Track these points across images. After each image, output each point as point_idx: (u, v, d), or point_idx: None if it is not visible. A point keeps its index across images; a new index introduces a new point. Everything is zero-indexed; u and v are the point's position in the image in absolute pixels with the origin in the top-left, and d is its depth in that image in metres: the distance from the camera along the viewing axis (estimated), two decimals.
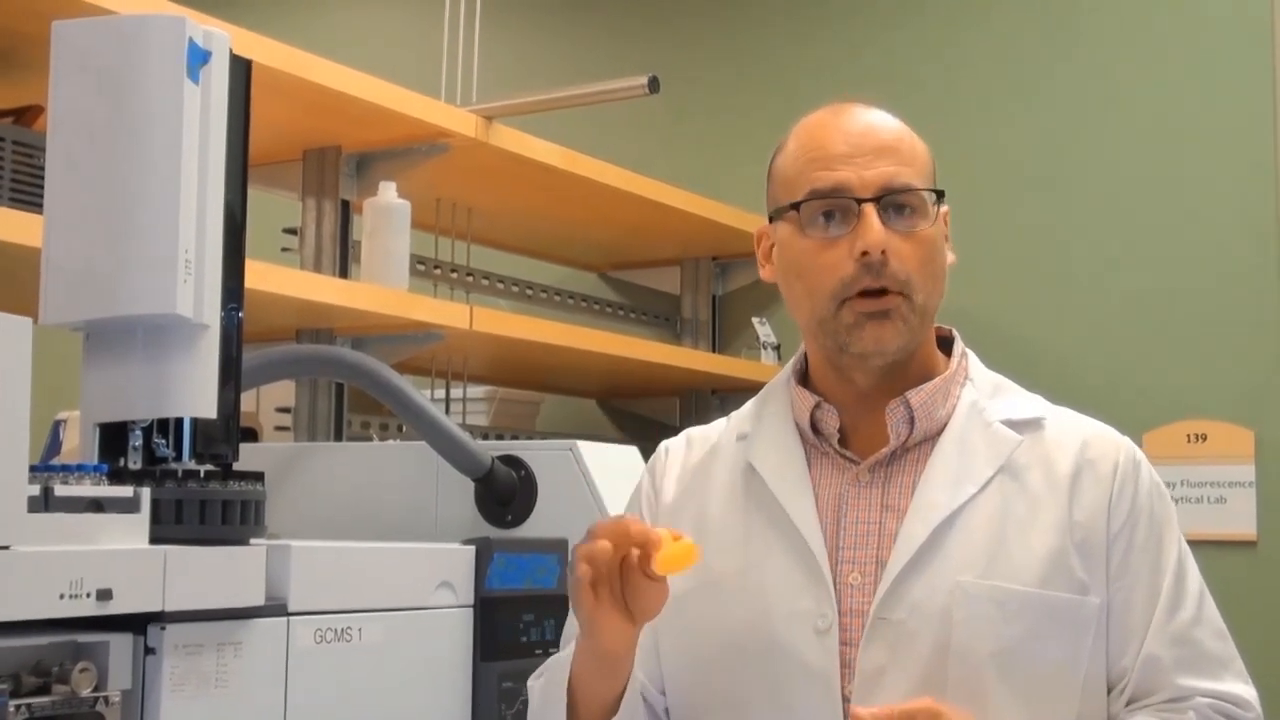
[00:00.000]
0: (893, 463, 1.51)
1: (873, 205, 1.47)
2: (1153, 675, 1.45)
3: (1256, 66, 3.40)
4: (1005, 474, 1.48)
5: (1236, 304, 3.37)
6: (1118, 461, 1.52)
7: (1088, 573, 1.45)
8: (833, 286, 1.47)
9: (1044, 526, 1.46)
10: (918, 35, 3.82)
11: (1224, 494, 3.34)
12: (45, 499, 1.36)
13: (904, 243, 1.48)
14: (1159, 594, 1.47)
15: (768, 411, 1.60)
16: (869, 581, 1.45)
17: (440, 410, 2.13)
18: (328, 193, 2.83)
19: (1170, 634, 1.46)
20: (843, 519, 1.49)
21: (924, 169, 1.52)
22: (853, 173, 1.48)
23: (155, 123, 1.51)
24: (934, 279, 1.51)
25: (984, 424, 1.52)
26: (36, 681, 1.32)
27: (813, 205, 1.49)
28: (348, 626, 1.66)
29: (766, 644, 1.46)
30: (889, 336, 1.48)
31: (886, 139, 1.50)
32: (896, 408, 1.50)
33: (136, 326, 1.54)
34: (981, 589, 1.42)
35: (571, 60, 4.24)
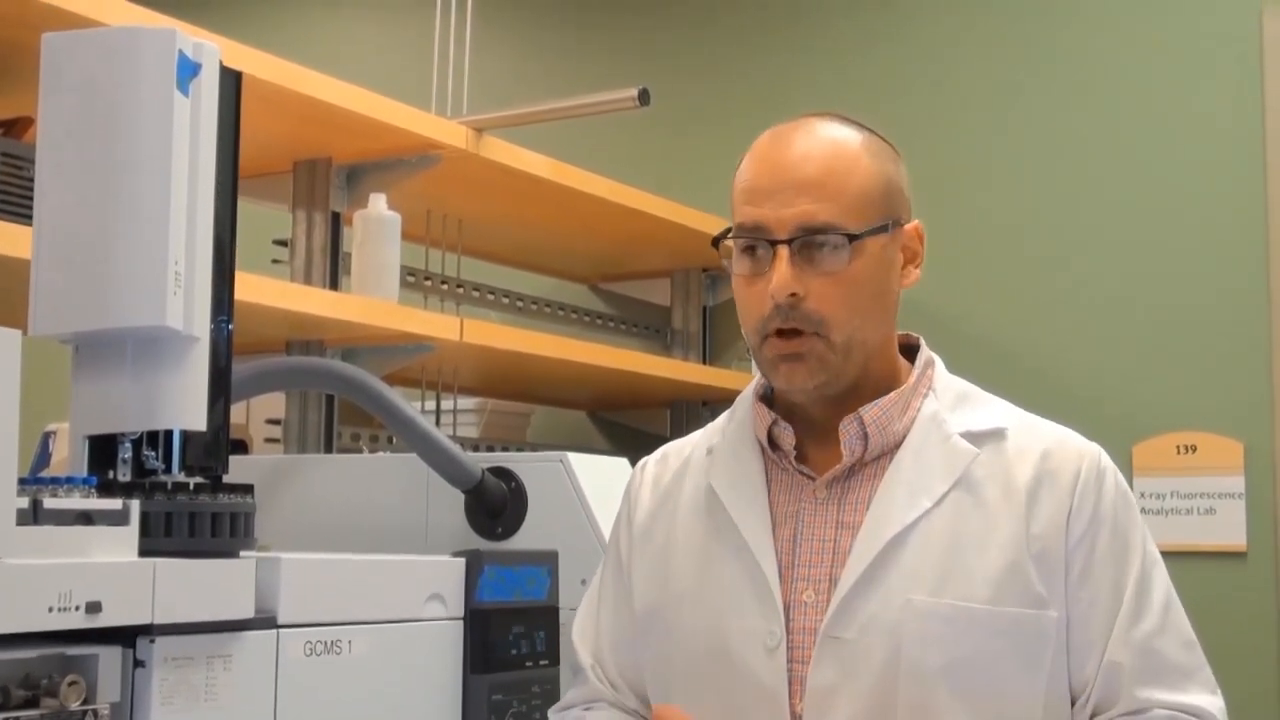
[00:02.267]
0: (850, 478, 1.50)
1: (785, 247, 1.45)
2: (1113, 685, 1.44)
3: (1244, 80, 3.41)
4: (961, 488, 1.47)
5: (1226, 316, 3.38)
6: (1079, 470, 1.49)
7: (1046, 586, 1.43)
8: (754, 321, 1.49)
9: (999, 541, 1.44)
10: (906, 48, 3.83)
11: (1214, 505, 3.35)
12: (34, 511, 1.35)
13: (824, 282, 1.45)
14: (1120, 603, 1.45)
15: (733, 426, 1.60)
16: (822, 599, 1.44)
17: (430, 422, 2.13)
18: (318, 204, 2.83)
19: (1131, 643, 1.44)
20: (799, 536, 1.49)
21: (858, 201, 1.47)
22: (771, 211, 1.46)
23: (145, 135, 1.51)
24: (860, 314, 1.47)
25: (942, 437, 1.50)
26: (25, 694, 1.32)
27: (737, 241, 1.49)
28: (338, 639, 1.65)
29: (721, 661, 1.47)
30: (801, 377, 1.47)
31: (813, 173, 1.47)
32: (850, 424, 1.49)
33: (126, 339, 1.53)
34: (931, 606, 1.41)
35: (562, 72, 4.25)
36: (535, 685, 1.87)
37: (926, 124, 3.77)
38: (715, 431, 1.64)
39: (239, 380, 1.80)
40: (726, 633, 1.47)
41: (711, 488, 1.56)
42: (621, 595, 1.63)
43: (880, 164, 1.51)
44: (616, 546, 1.66)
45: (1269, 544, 3.31)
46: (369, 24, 4.70)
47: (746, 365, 3.85)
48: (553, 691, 1.87)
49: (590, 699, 1.64)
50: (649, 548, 1.60)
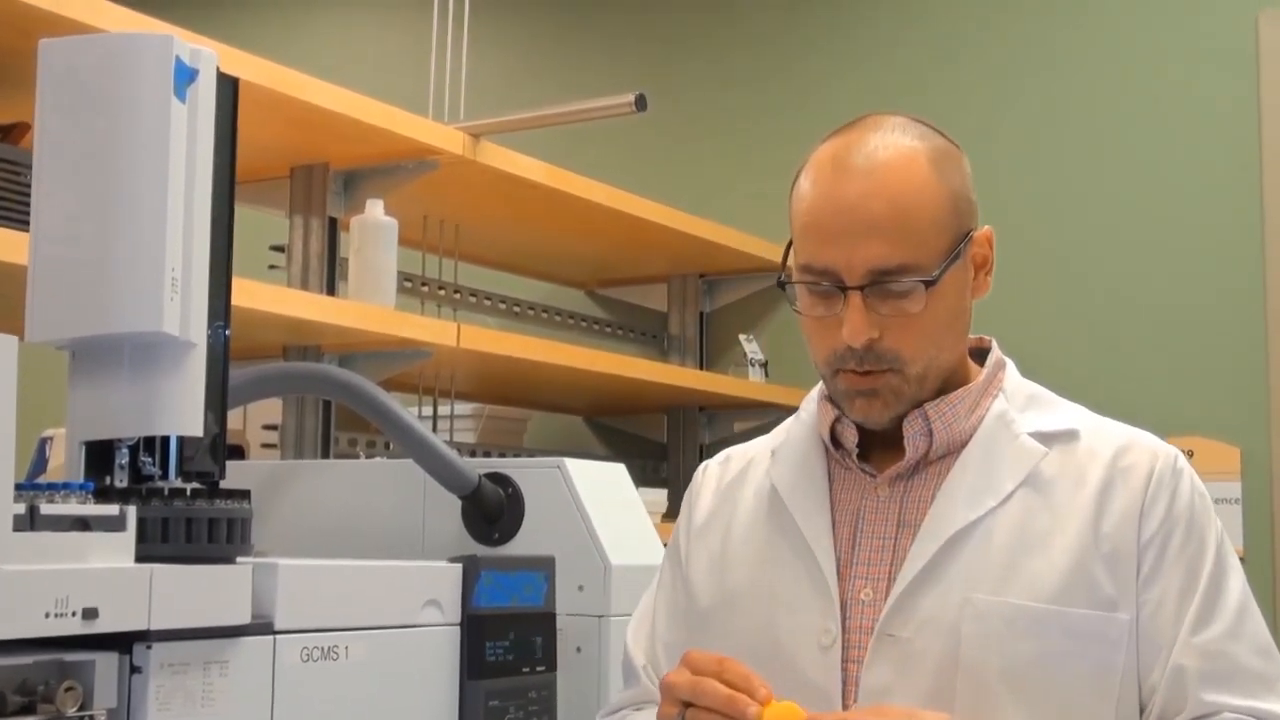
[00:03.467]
0: (913, 476, 1.49)
1: (858, 294, 1.41)
2: (1179, 690, 1.38)
3: (1240, 83, 3.42)
4: (1028, 487, 1.45)
5: (1223, 321, 3.39)
6: (1153, 469, 1.47)
7: (1116, 587, 1.40)
8: (825, 356, 1.47)
9: (1067, 540, 1.41)
10: (904, 52, 3.84)
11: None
12: (30, 517, 1.35)
13: (898, 322, 1.43)
14: (1190, 605, 1.40)
15: (799, 423, 1.60)
16: (880, 598, 1.43)
17: (427, 428, 2.12)
18: (315, 210, 2.83)
19: (1198, 646, 1.39)
20: (859, 534, 1.47)
21: (929, 237, 1.43)
22: (841, 255, 1.42)
23: (142, 140, 1.51)
24: (935, 345, 1.47)
25: (1011, 436, 1.49)
26: (21, 701, 1.31)
27: (805, 280, 1.46)
28: (334, 645, 1.65)
29: (772, 658, 1.44)
30: (877, 411, 1.46)
31: (882, 213, 1.41)
32: (914, 420, 1.48)
33: (123, 344, 1.53)
34: (992, 605, 1.38)
35: (559, 78, 4.25)
36: (532, 691, 1.87)
37: None
38: (781, 431, 1.63)
39: (236, 386, 1.80)
40: (779, 629, 1.46)
41: (773, 486, 1.55)
42: (677, 596, 1.62)
43: (947, 180, 1.47)
44: (675, 547, 1.65)
45: (1266, 549, 3.31)
46: (366, 30, 4.71)
47: (743, 371, 3.85)
48: (550, 698, 1.87)
49: (640, 700, 1.62)
50: (707, 547, 1.60)
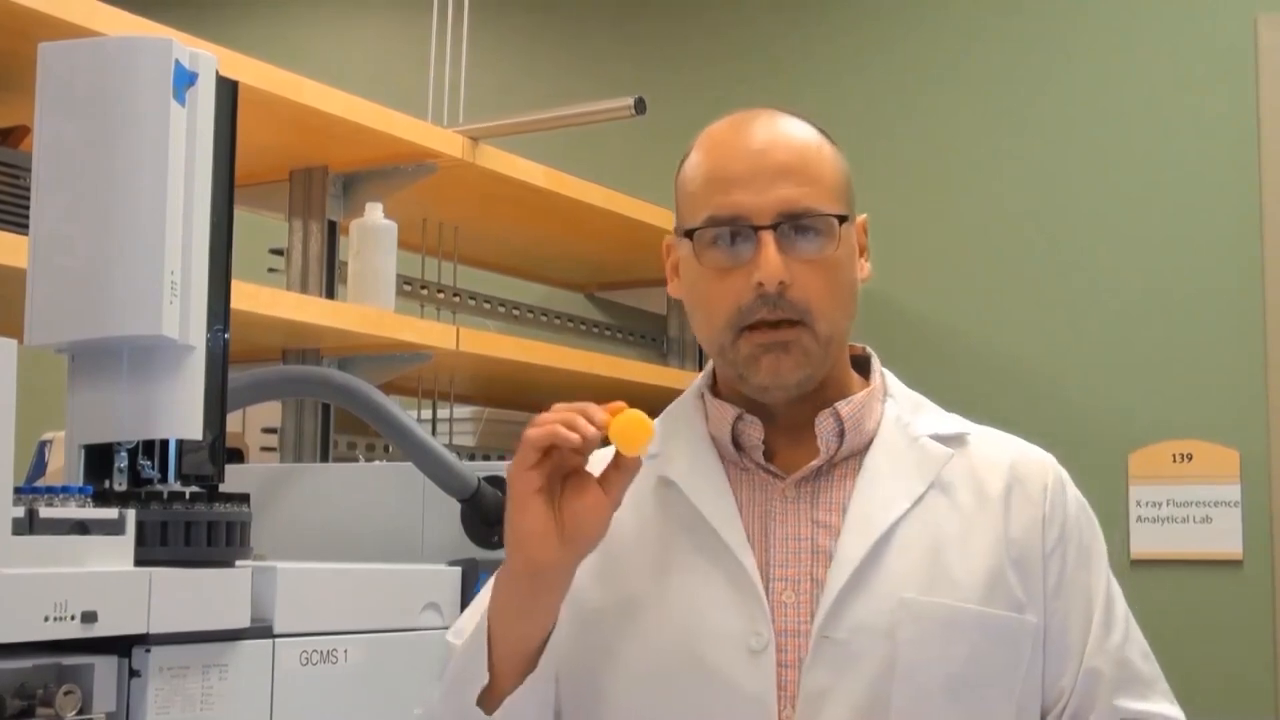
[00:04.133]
0: (819, 478, 1.45)
1: (770, 233, 1.39)
2: (1092, 695, 1.42)
3: (1239, 87, 3.42)
4: (937, 489, 1.44)
5: (1222, 324, 3.39)
6: (1046, 482, 1.48)
7: (1024, 591, 1.42)
8: (729, 315, 1.41)
9: (980, 543, 1.42)
10: (902, 57, 3.84)
11: (1210, 514, 3.35)
12: (30, 521, 1.35)
13: (806, 269, 1.40)
14: (1093, 613, 1.44)
15: (678, 428, 1.51)
16: (803, 600, 1.39)
17: (427, 431, 2.13)
18: (314, 213, 2.83)
19: (1107, 653, 1.43)
20: (770, 535, 1.42)
21: (831, 186, 1.43)
22: (751, 197, 1.40)
23: (141, 144, 1.51)
24: (840, 305, 1.43)
25: (910, 439, 1.47)
26: (21, 705, 1.32)
27: (710, 232, 1.42)
28: (333, 648, 1.65)
29: (693, 668, 1.38)
30: (787, 369, 1.41)
31: (788, 158, 1.42)
32: (826, 419, 1.45)
33: (122, 348, 1.54)
34: (926, 606, 1.38)
35: (558, 81, 4.25)
36: None
37: (924, 131, 3.77)
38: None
39: (235, 389, 1.80)
40: (699, 635, 1.38)
41: (664, 484, 1.47)
42: None
43: (836, 152, 1.47)
44: None
45: (1265, 552, 3.31)
46: (365, 33, 4.71)
47: None
48: None
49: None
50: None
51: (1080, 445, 3.47)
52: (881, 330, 3.85)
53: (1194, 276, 3.43)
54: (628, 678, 1.41)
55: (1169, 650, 3.66)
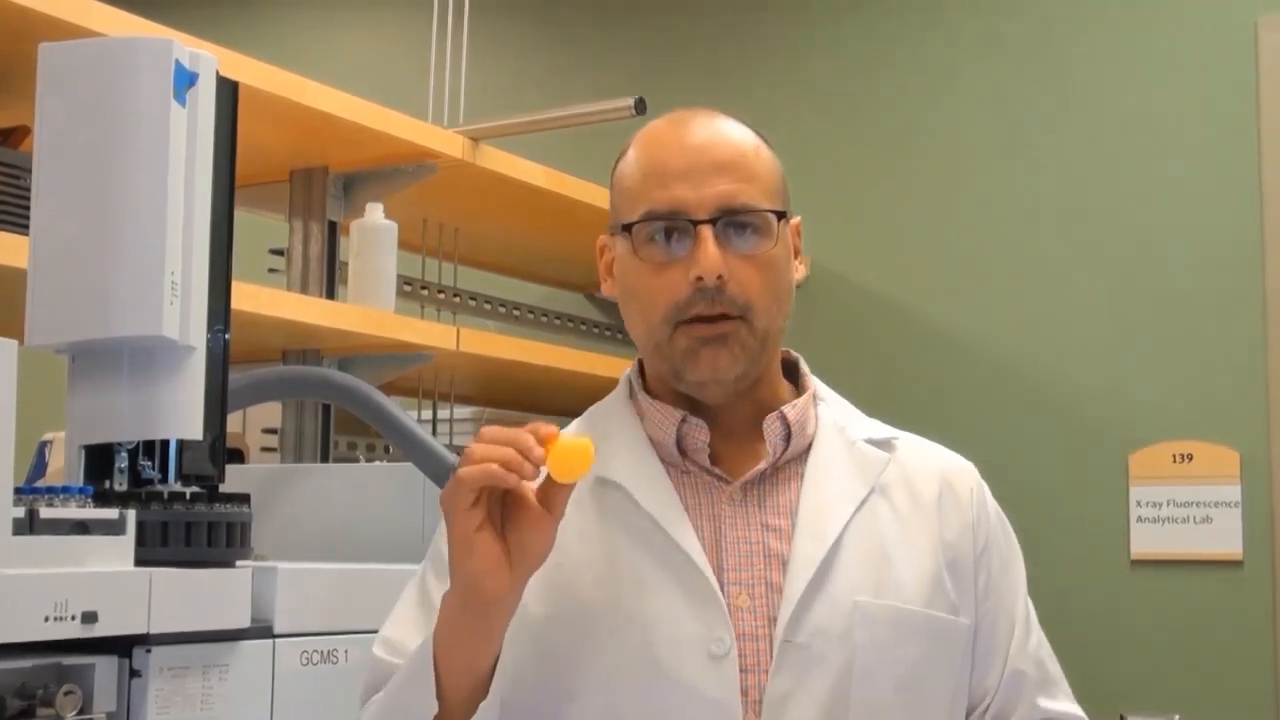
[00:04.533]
0: (764, 482, 1.44)
1: (709, 227, 1.39)
2: (1016, 693, 1.46)
3: (1239, 90, 3.42)
4: (877, 493, 1.45)
5: (1222, 325, 3.38)
6: (972, 487, 1.51)
7: (958, 594, 1.44)
8: (666, 310, 1.40)
9: (920, 546, 1.44)
10: (903, 56, 3.84)
11: (1210, 514, 3.35)
12: (30, 521, 1.35)
13: (744, 265, 1.40)
14: (1016, 615, 1.48)
15: (610, 429, 1.47)
16: (760, 605, 1.38)
17: (427, 431, 2.13)
18: (314, 214, 2.83)
19: (1028, 654, 1.48)
20: (722, 540, 1.40)
21: (768, 185, 1.43)
22: (689, 191, 1.40)
23: (142, 144, 1.51)
24: (776, 301, 1.42)
25: (848, 442, 1.47)
26: (21, 705, 1.32)
27: (648, 226, 1.41)
28: (334, 648, 1.65)
29: (653, 675, 1.35)
30: (725, 364, 1.40)
31: (726, 155, 1.42)
32: (773, 422, 1.44)
33: (122, 348, 1.54)
34: (879, 609, 1.39)
35: (559, 82, 4.25)
36: None
37: (923, 132, 3.77)
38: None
39: (235, 390, 1.80)
40: (656, 642, 1.35)
41: (604, 486, 1.43)
42: None
43: (772, 154, 1.48)
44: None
45: (1265, 553, 3.31)
46: (366, 33, 4.71)
47: None
48: None
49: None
50: None
51: (1081, 445, 3.48)
52: (881, 330, 3.85)
53: (1194, 277, 3.43)
54: (585, 688, 1.37)
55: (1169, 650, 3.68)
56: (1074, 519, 3.44)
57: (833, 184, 3.83)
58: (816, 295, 3.76)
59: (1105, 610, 3.42)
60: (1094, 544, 3.43)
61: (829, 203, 3.81)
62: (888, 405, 1.70)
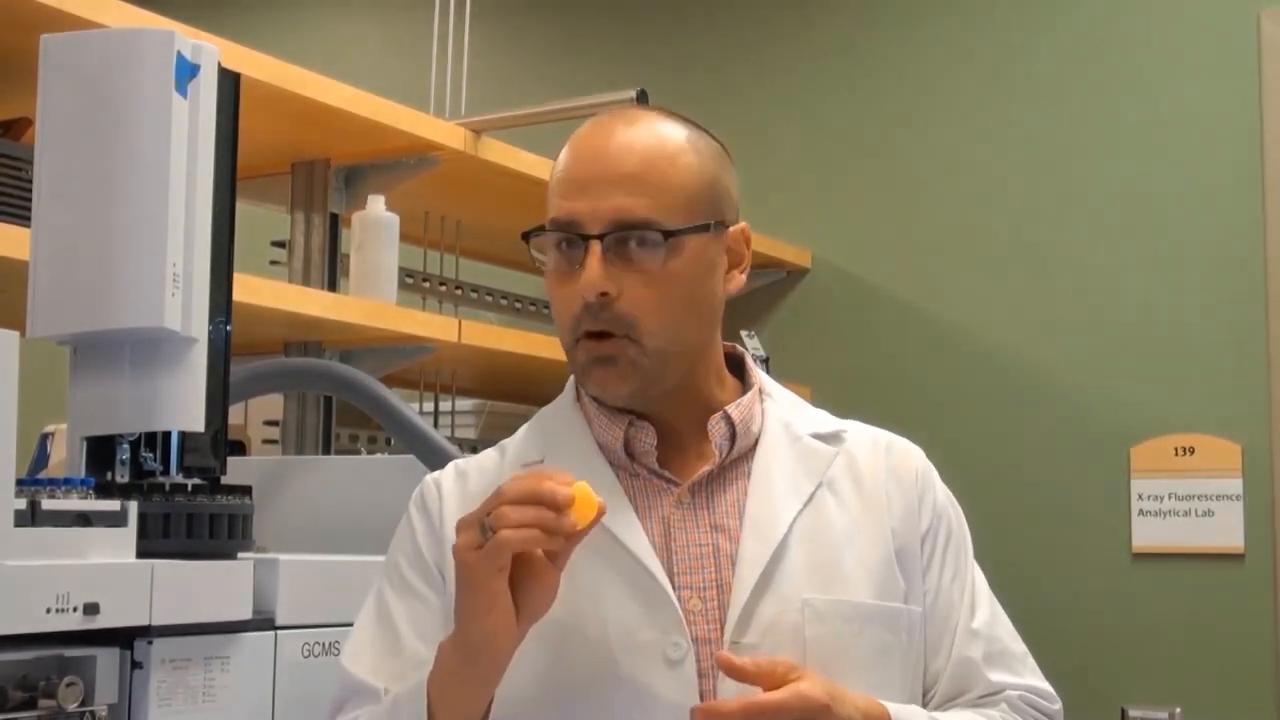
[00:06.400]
0: (711, 482, 1.44)
1: (597, 243, 1.37)
2: (965, 674, 1.45)
3: (1241, 83, 3.42)
4: (825, 488, 1.45)
5: (1223, 318, 3.38)
6: (916, 469, 1.50)
7: (908, 581, 1.44)
8: (567, 323, 1.41)
9: (868, 537, 1.44)
10: (904, 50, 3.83)
11: (1211, 507, 3.35)
12: (32, 513, 1.35)
13: (638, 281, 1.38)
14: (963, 594, 1.47)
15: (558, 434, 1.49)
16: (711, 607, 1.38)
17: (428, 423, 2.13)
18: (316, 206, 2.83)
19: (976, 634, 1.46)
20: (672, 544, 1.40)
21: (678, 198, 1.39)
22: (586, 204, 1.38)
23: (143, 136, 1.51)
24: (672, 318, 1.39)
25: (794, 438, 1.47)
26: (23, 696, 1.32)
27: (550, 236, 1.41)
28: (335, 640, 1.65)
29: (610, 681, 1.35)
30: (613, 383, 1.40)
31: (629, 167, 1.39)
32: (718, 423, 1.44)
33: (124, 340, 1.54)
34: (829, 605, 1.39)
35: (560, 74, 4.25)
36: None
37: (923, 128, 3.77)
38: (526, 445, 1.51)
39: (237, 381, 1.80)
40: (613, 649, 1.35)
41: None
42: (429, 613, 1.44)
43: (704, 162, 1.43)
44: (418, 563, 1.48)
45: (1267, 546, 3.31)
46: (367, 26, 4.70)
47: None
48: None
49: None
50: None
51: (1082, 439, 3.48)
52: (882, 324, 3.85)
53: (1196, 271, 3.43)
54: (545, 697, 1.36)
55: (1170, 643, 3.67)
56: (1075, 512, 3.44)
57: (833, 179, 3.83)
58: (817, 291, 3.76)
59: (1106, 603, 3.42)
60: (1095, 537, 3.43)
61: (829, 198, 3.80)
62: (888, 400, 1.71)
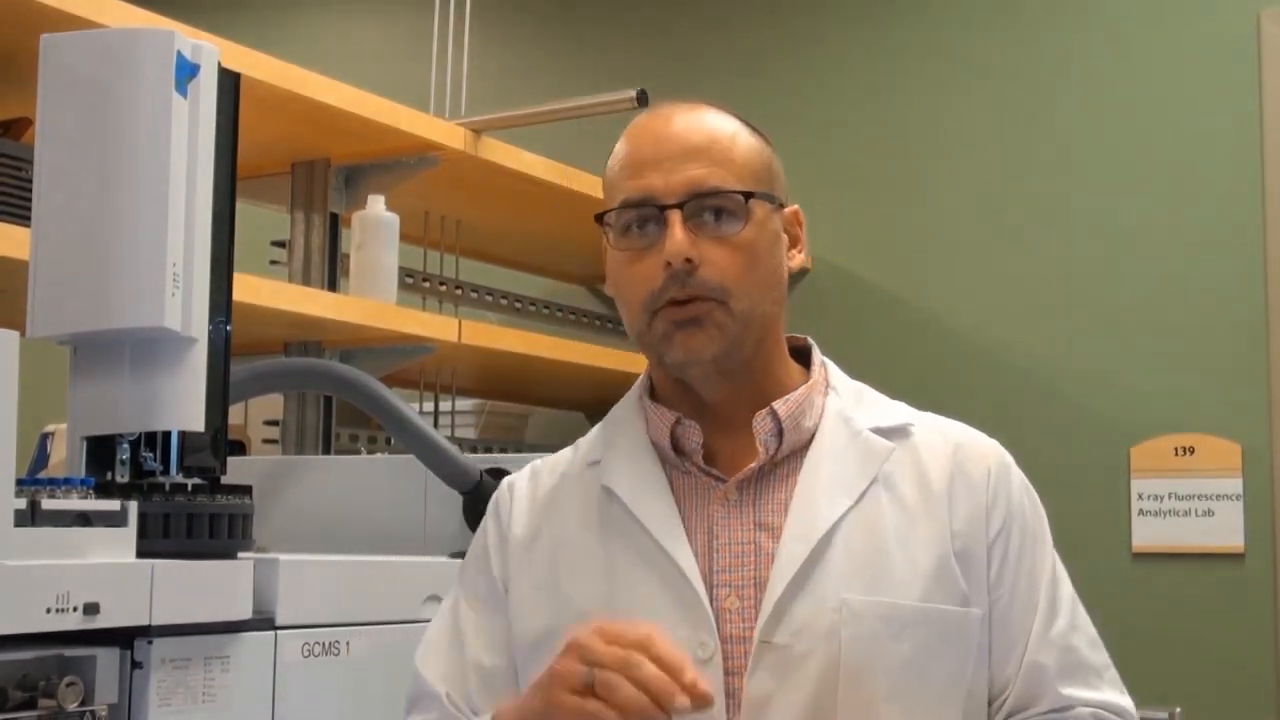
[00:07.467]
0: (761, 479, 1.43)
1: (677, 212, 1.40)
2: (1036, 684, 1.41)
3: (1242, 82, 3.41)
4: (879, 484, 1.43)
5: (1224, 318, 3.38)
6: (990, 468, 1.46)
7: (969, 583, 1.40)
8: (644, 298, 1.41)
9: (924, 537, 1.40)
10: (904, 49, 3.83)
11: (1212, 507, 3.35)
12: (32, 512, 1.35)
13: (718, 249, 1.40)
14: (1038, 601, 1.43)
15: (619, 434, 1.50)
16: (748, 605, 1.37)
17: (428, 423, 2.13)
18: (316, 206, 2.83)
19: (1051, 642, 1.42)
20: (714, 541, 1.40)
21: (745, 170, 1.43)
22: (659, 178, 1.41)
23: (143, 136, 1.51)
24: (758, 284, 1.42)
25: (852, 433, 1.45)
26: (22, 696, 1.32)
27: (623, 216, 1.44)
28: (335, 640, 1.65)
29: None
30: (700, 344, 1.40)
31: (697, 141, 1.43)
32: (763, 419, 1.43)
33: (124, 340, 1.54)
34: (868, 606, 1.36)
35: (560, 73, 4.25)
36: None
37: (923, 125, 3.77)
38: (593, 444, 1.53)
39: (237, 381, 1.80)
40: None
41: (607, 493, 1.45)
42: (494, 620, 1.48)
43: (759, 142, 1.48)
44: (484, 566, 1.52)
45: (1267, 545, 3.31)
46: (367, 25, 4.70)
47: None
48: None
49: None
50: (533, 566, 1.47)
51: (1082, 439, 3.47)
52: (882, 322, 3.85)
53: (1196, 270, 3.42)
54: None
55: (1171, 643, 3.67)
56: (1075, 512, 3.43)
57: (834, 177, 3.83)
58: (818, 288, 3.75)
59: (1106, 603, 3.38)
60: (1095, 537, 3.43)
61: (830, 196, 3.80)
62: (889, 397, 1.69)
